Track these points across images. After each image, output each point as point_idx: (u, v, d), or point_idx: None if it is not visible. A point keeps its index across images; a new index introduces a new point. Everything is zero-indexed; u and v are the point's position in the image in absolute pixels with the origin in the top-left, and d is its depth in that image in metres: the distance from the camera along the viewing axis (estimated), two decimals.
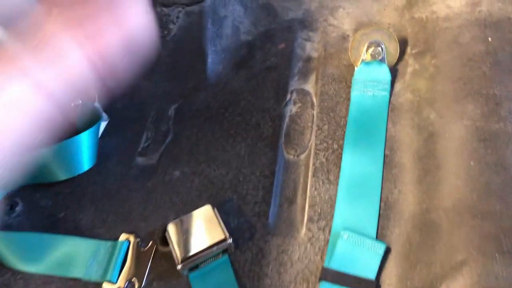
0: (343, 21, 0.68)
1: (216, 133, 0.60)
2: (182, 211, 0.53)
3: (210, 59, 0.66)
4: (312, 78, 0.63)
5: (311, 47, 0.66)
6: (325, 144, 0.56)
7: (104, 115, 0.63)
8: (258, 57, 0.66)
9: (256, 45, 0.67)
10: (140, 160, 0.59)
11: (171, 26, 0.67)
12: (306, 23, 0.68)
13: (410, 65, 0.60)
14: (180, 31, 0.67)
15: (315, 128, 0.58)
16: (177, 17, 0.67)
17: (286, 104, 0.61)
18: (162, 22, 0.67)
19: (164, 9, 0.67)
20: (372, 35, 0.61)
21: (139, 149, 0.60)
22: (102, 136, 0.61)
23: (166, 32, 0.67)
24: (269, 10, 0.69)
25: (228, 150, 0.58)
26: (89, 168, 0.58)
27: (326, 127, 0.58)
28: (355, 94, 0.59)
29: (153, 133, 0.61)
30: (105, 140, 0.61)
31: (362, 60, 0.60)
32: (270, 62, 0.65)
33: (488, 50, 0.54)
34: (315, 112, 0.60)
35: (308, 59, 0.65)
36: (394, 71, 0.60)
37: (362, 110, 0.58)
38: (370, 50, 0.60)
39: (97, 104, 0.63)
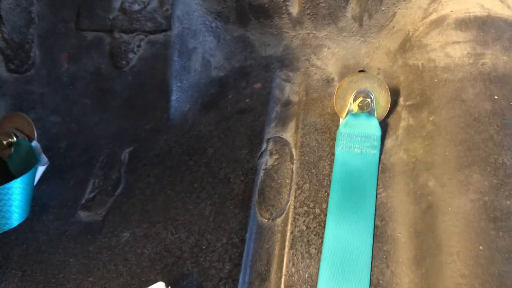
0: (328, 62, 0.60)
1: (177, 186, 0.51)
2: (129, 285, 0.44)
3: (174, 96, 0.57)
4: (292, 125, 0.55)
5: (291, 89, 0.58)
6: (305, 208, 0.48)
7: (43, 158, 0.53)
8: (230, 97, 0.58)
9: (228, 83, 0.59)
10: (82, 215, 0.50)
11: (131, 55, 0.58)
12: (286, 62, 0.60)
13: (404, 119, 0.53)
14: (141, 62, 0.58)
15: (294, 186, 0.50)
16: (138, 46, 0.58)
17: (261, 155, 0.53)
18: (120, 51, 0.58)
19: (123, 35, 0.58)
20: (360, 83, 0.53)
21: (83, 201, 0.52)
22: (39, 183, 0.53)
23: (124, 62, 0.58)
24: (245, 44, 0.61)
25: (190, 208, 0.49)
26: (19, 223, 0.49)
27: (307, 186, 0.50)
28: (340, 149, 0.51)
29: (101, 182, 0.53)
30: (42, 188, 0.53)
31: (349, 111, 0.53)
32: (244, 104, 0.57)
33: (495, 109, 0.47)
34: (294, 167, 0.51)
35: (287, 103, 0.57)
36: (384, 125, 0.53)
37: (348, 169, 0.50)
38: (358, 101, 0.52)
39: (35, 144, 0.53)
